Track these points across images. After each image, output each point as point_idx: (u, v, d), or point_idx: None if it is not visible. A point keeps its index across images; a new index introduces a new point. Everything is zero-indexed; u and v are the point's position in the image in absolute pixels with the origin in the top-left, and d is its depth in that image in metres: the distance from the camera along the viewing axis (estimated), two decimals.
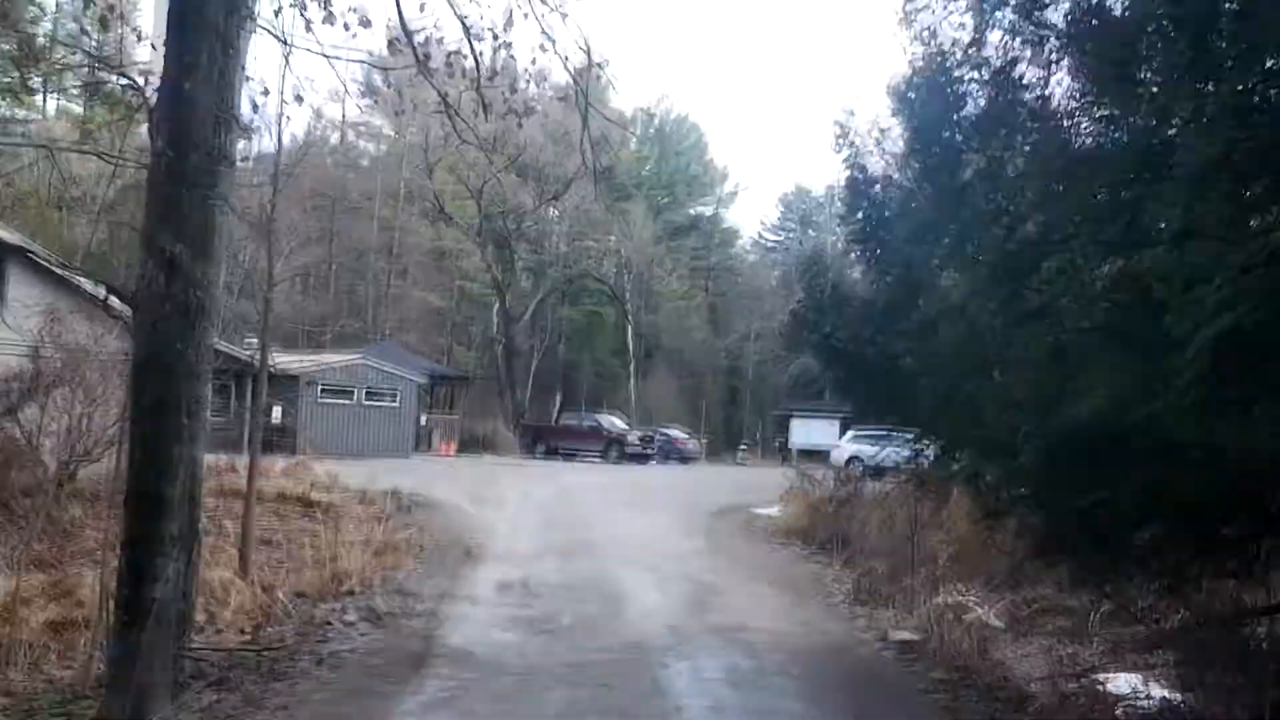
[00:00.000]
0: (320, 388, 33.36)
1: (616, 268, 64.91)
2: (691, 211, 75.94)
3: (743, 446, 50.09)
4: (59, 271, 18.43)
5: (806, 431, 49.55)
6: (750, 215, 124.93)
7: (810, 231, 77.74)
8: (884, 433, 31.94)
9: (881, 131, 9.93)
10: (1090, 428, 6.57)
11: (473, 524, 19.41)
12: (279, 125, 11.65)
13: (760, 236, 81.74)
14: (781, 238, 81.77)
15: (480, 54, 11.05)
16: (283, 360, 32.36)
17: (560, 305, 66.96)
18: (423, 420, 40.38)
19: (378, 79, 63.30)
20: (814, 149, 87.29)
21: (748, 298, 69.42)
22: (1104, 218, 7.04)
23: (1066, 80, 7.82)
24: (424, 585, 13.16)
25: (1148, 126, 6.99)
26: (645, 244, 64.17)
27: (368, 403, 34.75)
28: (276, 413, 31.73)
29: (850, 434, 36.54)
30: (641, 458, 41.63)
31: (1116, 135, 7.40)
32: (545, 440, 43.07)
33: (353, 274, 54.87)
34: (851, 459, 35.62)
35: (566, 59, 10.63)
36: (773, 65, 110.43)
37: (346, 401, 34.16)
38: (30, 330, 16.57)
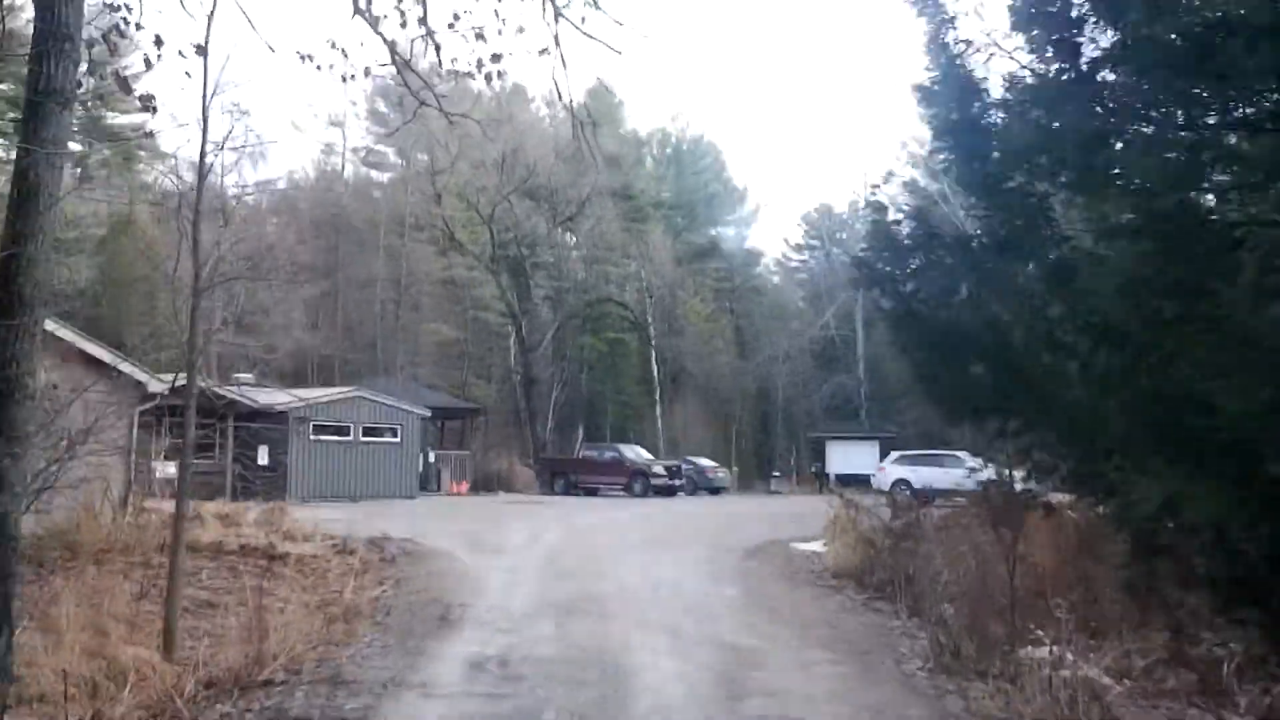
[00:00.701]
0: (312, 425, 30.31)
1: (637, 292, 61.97)
2: (712, 233, 73.10)
3: (776, 475, 46.82)
4: None
5: (844, 456, 46.25)
6: (773, 236, 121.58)
7: (835, 250, 74.58)
8: (932, 454, 28.80)
9: None
10: None
11: (462, 576, 16.25)
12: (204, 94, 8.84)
13: (784, 257, 78.70)
14: (805, 257, 78.53)
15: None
16: (267, 397, 29.38)
17: (581, 334, 64.14)
18: (431, 458, 37.28)
19: (383, 106, 61.45)
20: (834, 166, 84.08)
21: (774, 318, 66.23)
22: None
23: None
24: (371, 667, 9.96)
25: None
26: (666, 267, 61.22)
27: (366, 440, 31.67)
28: (263, 454, 28.72)
29: (894, 456, 33.35)
30: (668, 490, 38.42)
31: None
32: (564, 475, 39.88)
33: (360, 307, 51.90)
34: (897, 483, 32.39)
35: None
36: (788, 84, 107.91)
37: (342, 439, 31.10)
38: None
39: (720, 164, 75.56)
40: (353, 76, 9.40)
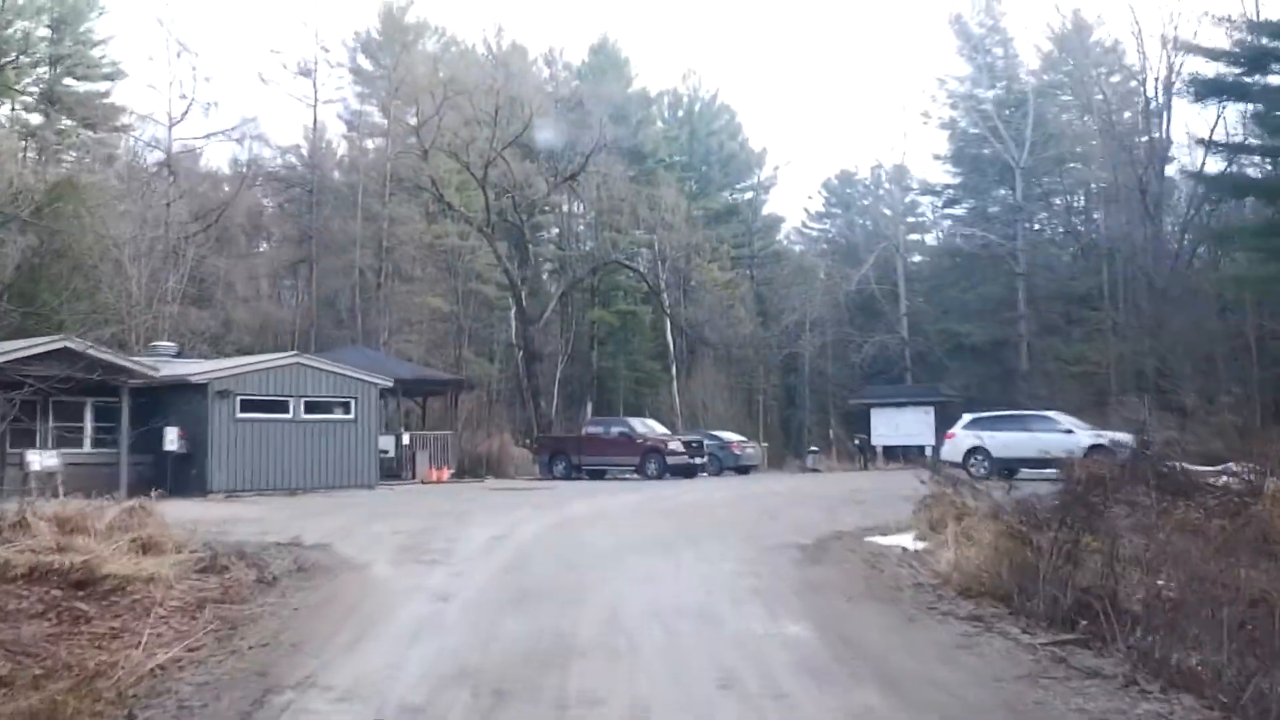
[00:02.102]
0: (238, 401, 23.74)
1: (650, 258, 55.35)
2: (729, 197, 66.28)
3: (813, 450, 40.01)
4: None
5: (892, 425, 39.46)
6: (792, 202, 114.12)
7: (857, 218, 68.00)
8: (1015, 415, 22.11)
9: None
10: None
11: (351, 611, 9.84)
12: None
13: (804, 225, 71.61)
14: (826, 225, 71.57)
15: None
16: (182, 368, 22.95)
17: (589, 306, 57.71)
18: (405, 439, 30.74)
19: (365, 63, 54.87)
20: (854, 132, 77.50)
21: (798, 284, 59.42)
22: None
23: None
24: None
25: None
26: (680, 231, 54.44)
27: (309, 418, 25.05)
28: (170, 437, 22.22)
29: (966, 420, 26.60)
30: (688, 470, 31.87)
31: None
32: (566, 456, 33.25)
33: (337, 276, 45.27)
34: (972, 453, 25.69)
35: None
36: (804, 45, 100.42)
37: (279, 417, 24.51)
38: None
39: (736, 125, 68.70)
40: None
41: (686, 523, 16.60)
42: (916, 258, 59.33)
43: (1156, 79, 42.88)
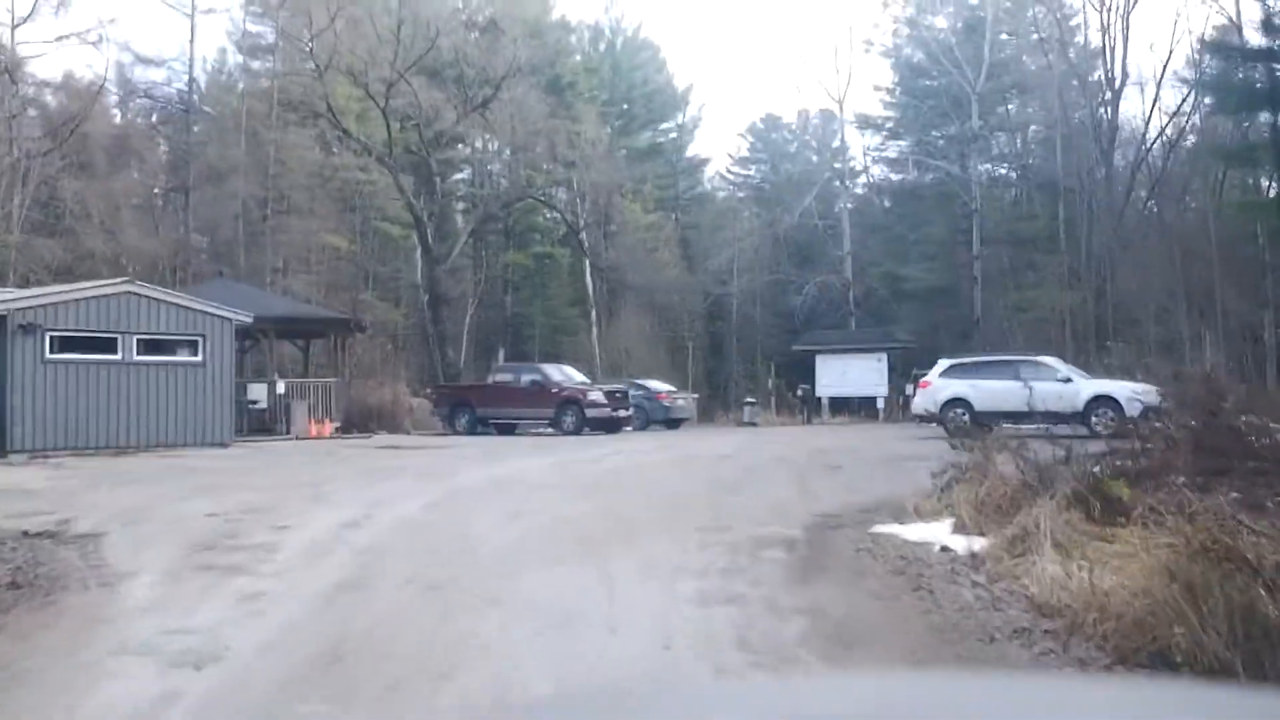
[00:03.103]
0: (48, 337, 18.64)
1: (569, 197, 50.50)
2: (652, 136, 61.48)
3: (749, 401, 35.54)
4: None
5: (840, 374, 35.07)
6: (719, 145, 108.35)
7: (784, 164, 63.69)
8: (1002, 361, 18.19)
9: None
10: None
11: (19, 697, 5.10)
12: None
13: (728, 171, 66.97)
14: (751, 171, 67.05)
15: None
16: None
17: (505, 249, 52.95)
18: (279, 388, 25.82)
19: None
20: (782, 75, 72.85)
21: (724, 227, 54.99)
22: None
23: None
24: None
25: None
26: (601, 168, 49.53)
27: (145, 359, 19.99)
28: None
29: (943, 366, 22.32)
30: (611, 424, 27.43)
31: None
32: (469, 407, 28.54)
33: (218, 205, 39.68)
34: (950, 405, 21.45)
35: None
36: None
37: (105, 359, 19.44)
38: None
39: (659, 61, 63.83)
40: None
41: (617, 500, 12.03)
42: (861, 188, 54.92)
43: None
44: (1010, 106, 43.67)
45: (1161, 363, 24.76)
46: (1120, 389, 19.46)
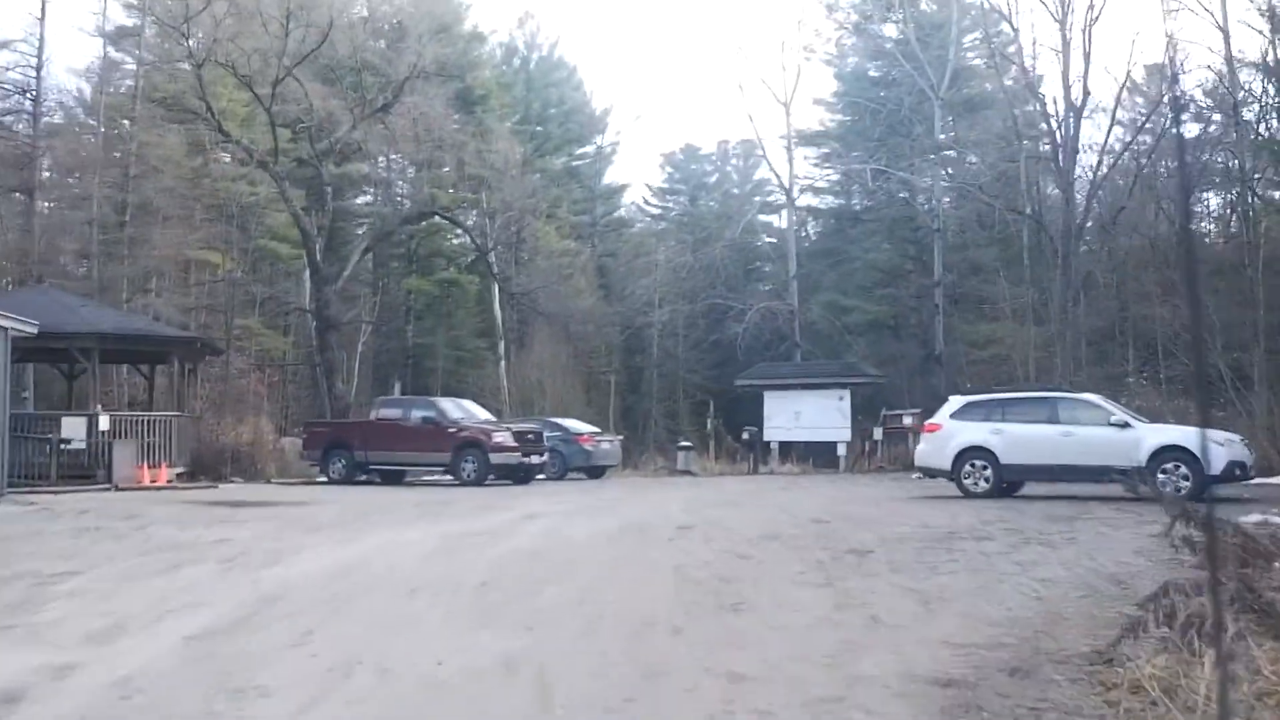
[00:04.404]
0: None
1: (479, 215, 45.01)
2: (568, 159, 56.21)
3: (684, 445, 30.06)
4: None
5: (791, 413, 29.60)
6: (636, 176, 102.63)
7: (703, 196, 59.17)
8: (1035, 398, 12.84)
9: None
10: None
11: None
12: None
13: (646, 202, 61.92)
14: (669, 203, 62.10)
15: None
16: None
17: (407, 274, 47.48)
18: (101, 423, 19.90)
19: None
20: (702, 104, 68.16)
21: (644, 255, 49.95)
22: None
23: None
24: None
25: None
26: (513, 188, 44.06)
27: None
28: None
29: (957, 404, 17.16)
30: (521, 473, 22.10)
31: None
32: (347, 449, 22.86)
33: (70, 209, 33.35)
34: (969, 455, 16.35)
35: None
36: (651, 14, 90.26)
37: None
38: None
39: (576, 81, 58.79)
40: None
41: (536, 637, 6.51)
42: (803, 209, 49.71)
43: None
44: (964, 124, 38.81)
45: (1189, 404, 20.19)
46: (1196, 437, 14.57)
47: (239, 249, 39.47)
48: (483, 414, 24.72)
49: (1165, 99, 34.90)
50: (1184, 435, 14.83)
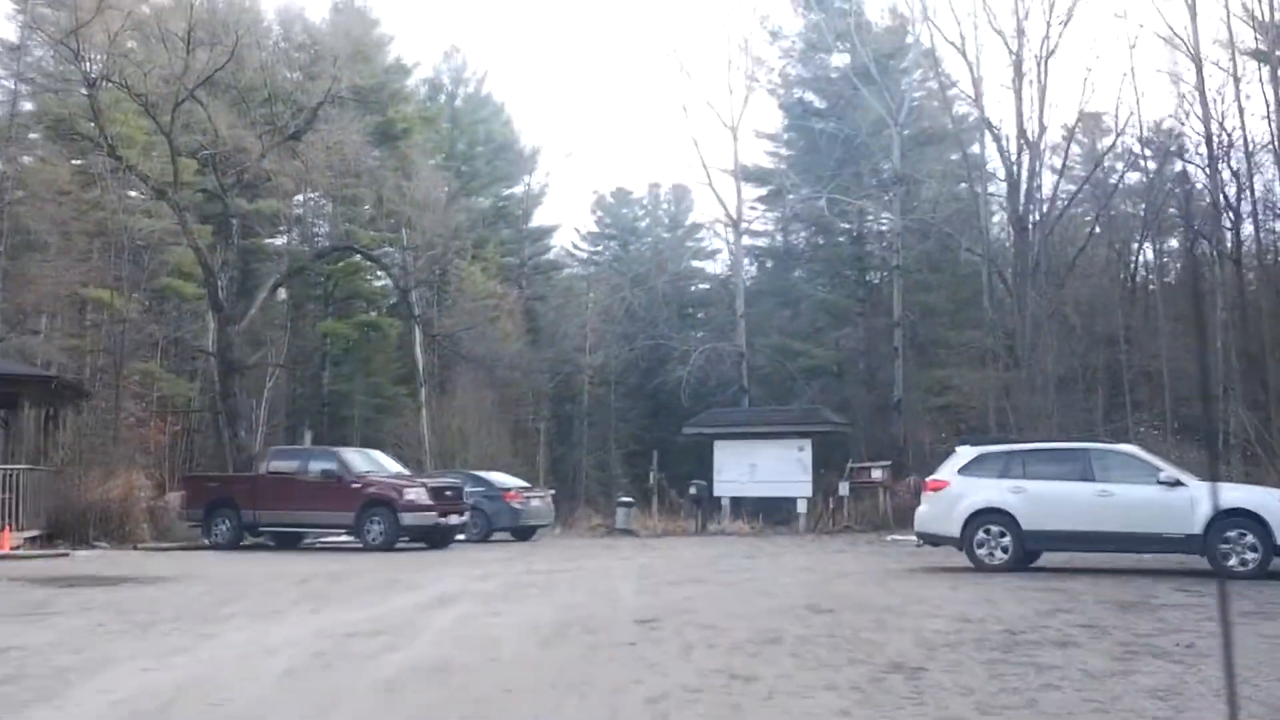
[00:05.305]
0: None
1: (399, 256, 41.77)
2: (495, 200, 53.16)
3: (625, 501, 26.73)
4: None
5: (745, 465, 26.32)
6: (564, 218, 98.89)
7: (634, 241, 56.62)
8: (1064, 450, 9.47)
9: None
10: None
11: None
12: None
13: (575, 247, 58.98)
14: (599, 248, 59.25)
15: None
16: None
17: (324, 316, 44.04)
18: None
19: None
20: (637, 141, 65.74)
21: (573, 300, 47.07)
22: None
23: None
24: None
25: None
26: (437, 222, 40.86)
27: None
28: None
29: (969, 455, 14.12)
30: (438, 535, 18.90)
31: None
32: (234, 508, 19.40)
33: None
34: (983, 518, 13.31)
35: None
36: (579, 56, 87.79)
37: None
38: None
39: (504, 118, 55.84)
40: None
41: None
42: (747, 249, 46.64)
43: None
44: (915, 159, 36.25)
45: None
46: (1266, 500, 11.84)
47: (139, 287, 35.82)
48: (394, 466, 21.38)
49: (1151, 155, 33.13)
50: (1250, 497, 12.04)
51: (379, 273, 43.89)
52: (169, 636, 8.50)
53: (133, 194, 36.34)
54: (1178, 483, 12.24)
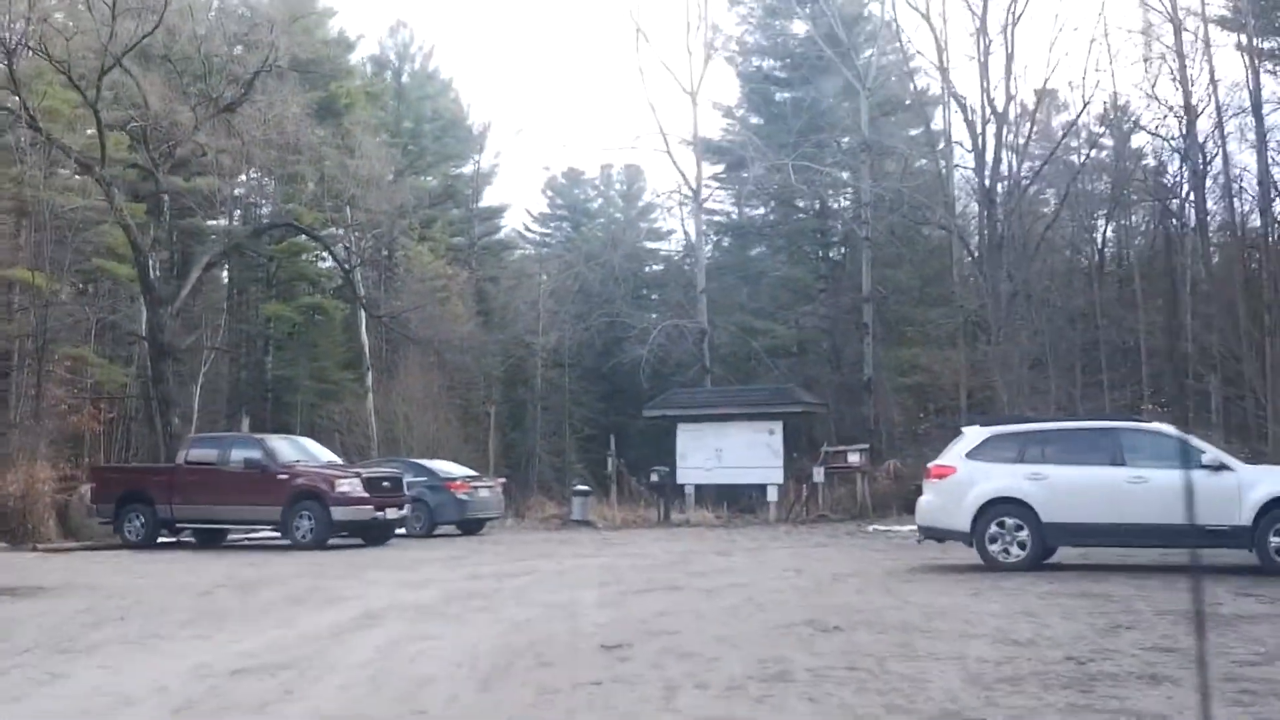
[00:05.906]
0: None
1: (344, 232, 39.56)
2: (444, 179, 51.02)
3: (581, 489, 24.70)
4: None
5: (711, 450, 24.40)
6: (515, 198, 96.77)
7: (586, 222, 54.84)
8: (1088, 429, 6.82)
9: None
10: None
11: None
12: None
13: (526, 229, 56.96)
14: (550, 230, 57.32)
15: None
16: None
17: (267, 299, 41.86)
18: None
19: None
20: (590, 117, 63.84)
21: (524, 280, 45.03)
22: None
23: None
24: None
25: None
26: (382, 198, 38.66)
27: None
28: None
29: (981, 436, 12.28)
30: (375, 530, 17.01)
31: None
32: (148, 502, 17.36)
33: None
34: (995, 509, 11.47)
35: None
36: (530, 27, 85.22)
37: None
38: None
39: (452, 94, 53.66)
40: None
41: None
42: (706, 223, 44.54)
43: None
44: (881, 128, 34.45)
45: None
46: None
47: (67, 268, 33.46)
48: (326, 455, 19.38)
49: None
50: None
51: (324, 254, 41.76)
52: (3, 677, 6.55)
53: (63, 171, 34.06)
54: (1223, 466, 10.55)
